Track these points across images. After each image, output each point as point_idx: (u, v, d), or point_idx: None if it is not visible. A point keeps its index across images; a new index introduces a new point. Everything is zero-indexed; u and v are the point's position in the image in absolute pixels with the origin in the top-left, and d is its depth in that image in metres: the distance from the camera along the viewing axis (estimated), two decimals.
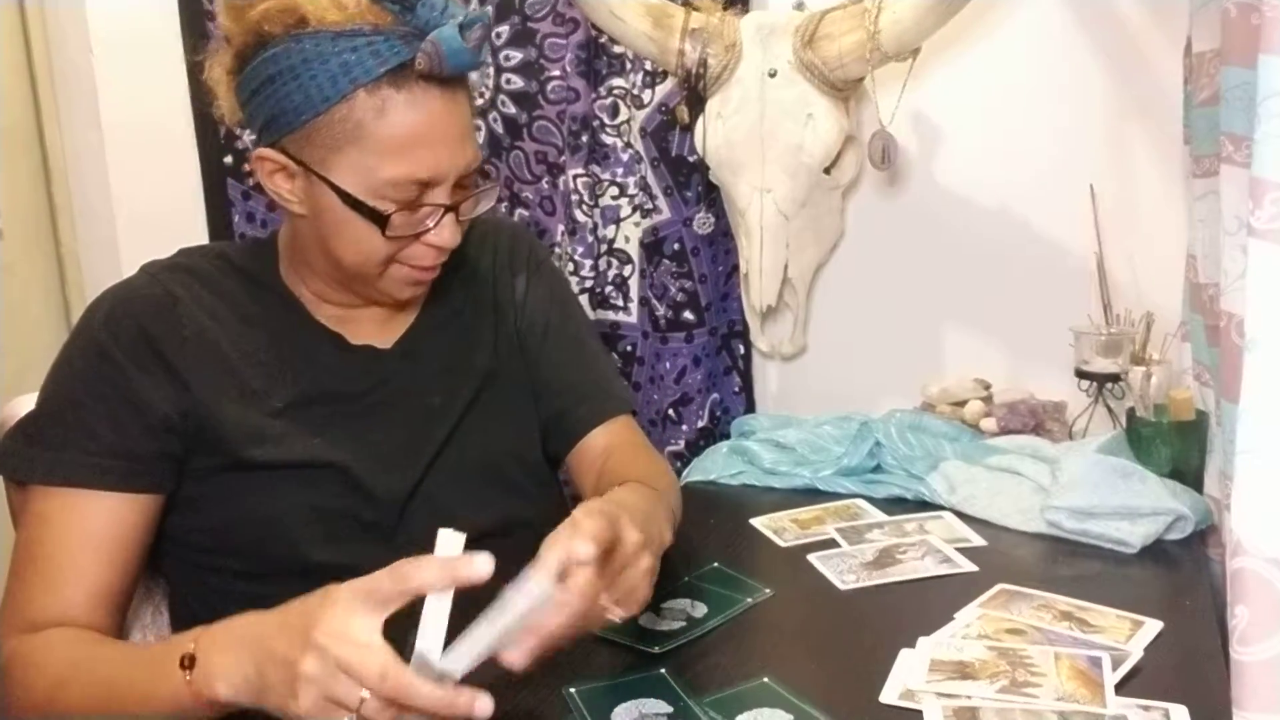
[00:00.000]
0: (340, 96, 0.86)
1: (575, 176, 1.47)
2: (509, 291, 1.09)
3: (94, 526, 0.87)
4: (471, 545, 0.95)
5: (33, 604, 0.86)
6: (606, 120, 1.47)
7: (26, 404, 1.00)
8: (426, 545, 0.94)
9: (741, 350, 1.54)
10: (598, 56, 1.47)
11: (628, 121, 1.47)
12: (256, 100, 0.90)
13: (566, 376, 1.09)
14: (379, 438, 0.96)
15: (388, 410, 0.98)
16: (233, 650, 0.72)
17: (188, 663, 0.73)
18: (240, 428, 0.91)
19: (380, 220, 0.89)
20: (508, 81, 1.52)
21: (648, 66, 1.45)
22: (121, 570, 0.89)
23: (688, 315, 1.50)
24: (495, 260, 1.10)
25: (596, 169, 1.49)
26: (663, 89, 1.46)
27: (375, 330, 1.01)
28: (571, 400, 1.09)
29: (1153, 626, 0.85)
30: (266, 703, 0.69)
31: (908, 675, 0.78)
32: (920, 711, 0.73)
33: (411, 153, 0.88)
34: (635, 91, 1.47)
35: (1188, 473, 1.16)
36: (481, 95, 1.54)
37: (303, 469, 0.92)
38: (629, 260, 1.52)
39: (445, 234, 0.92)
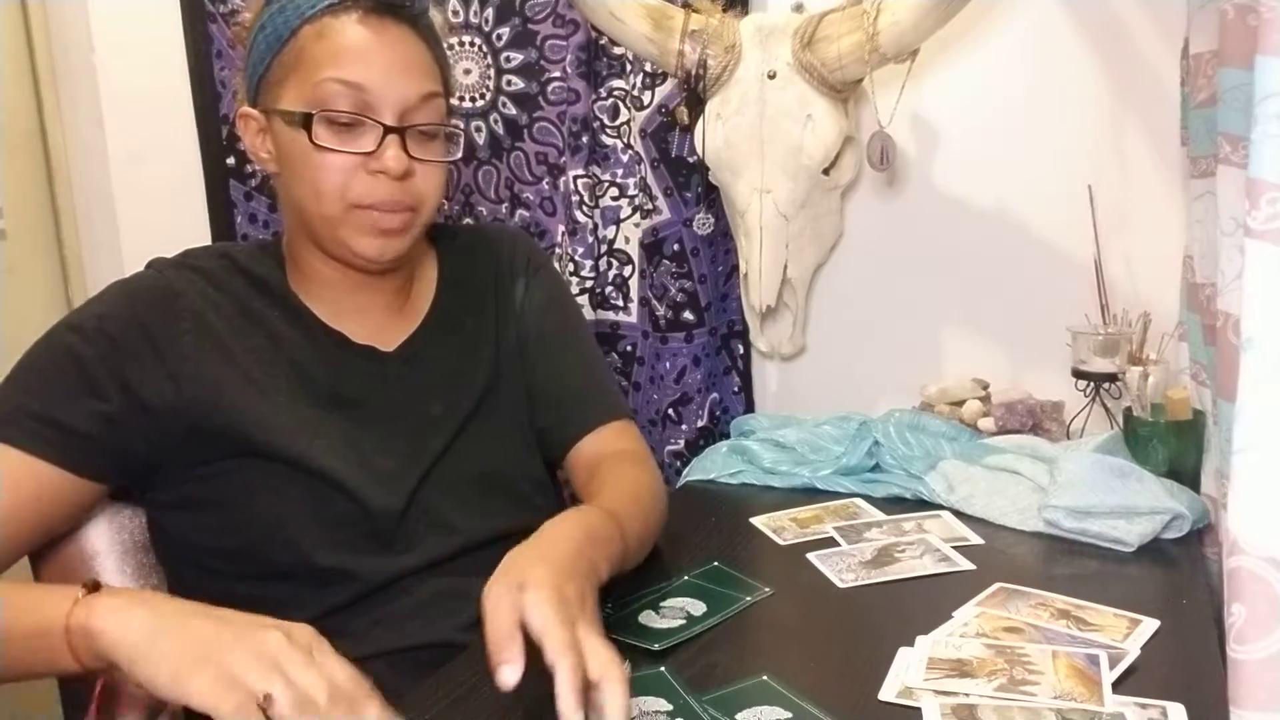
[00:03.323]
0: (290, 33, 0.91)
1: (575, 177, 1.48)
2: (509, 299, 1.10)
3: (15, 487, 0.85)
4: (473, 553, 0.96)
5: None
6: (607, 121, 1.48)
7: None
8: (424, 553, 0.95)
9: (741, 350, 1.55)
10: (598, 58, 1.47)
11: (628, 122, 1.48)
12: (246, 70, 0.95)
13: (560, 382, 1.09)
14: (377, 448, 0.96)
15: (387, 417, 0.98)
16: (150, 603, 0.68)
17: (90, 587, 0.69)
18: (244, 415, 0.91)
19: (306, 123, 0.90)
20: (508, 83, 1.52)
21: (648, 68, 1.45)
22: (16, 535, 0.86)
23: (687, 315, 1.51)
24: (497, 269, 1.10)
25: (597, 170, 1.49)
26: (662, 90, 1.46)
27: (378, 332, 1.01)
28: (564, 407, 1.09)
29: (1150, 625, 0.85)
30: (145, 662, 0.64)
31: (906, 673, 0.79)
32: (919, 709, 0.74)
33: (342, 60, 0.90)
34: (635, 93, 1.47)
35: (1185, 472, 1.17)
36: (482, 96, 1.54)
37: (304, 472, 0.92)
38: (629, 261, 1.52)
39: (387, 157, 0.91)
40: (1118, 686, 0.76)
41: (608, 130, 1.48)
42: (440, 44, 0.99)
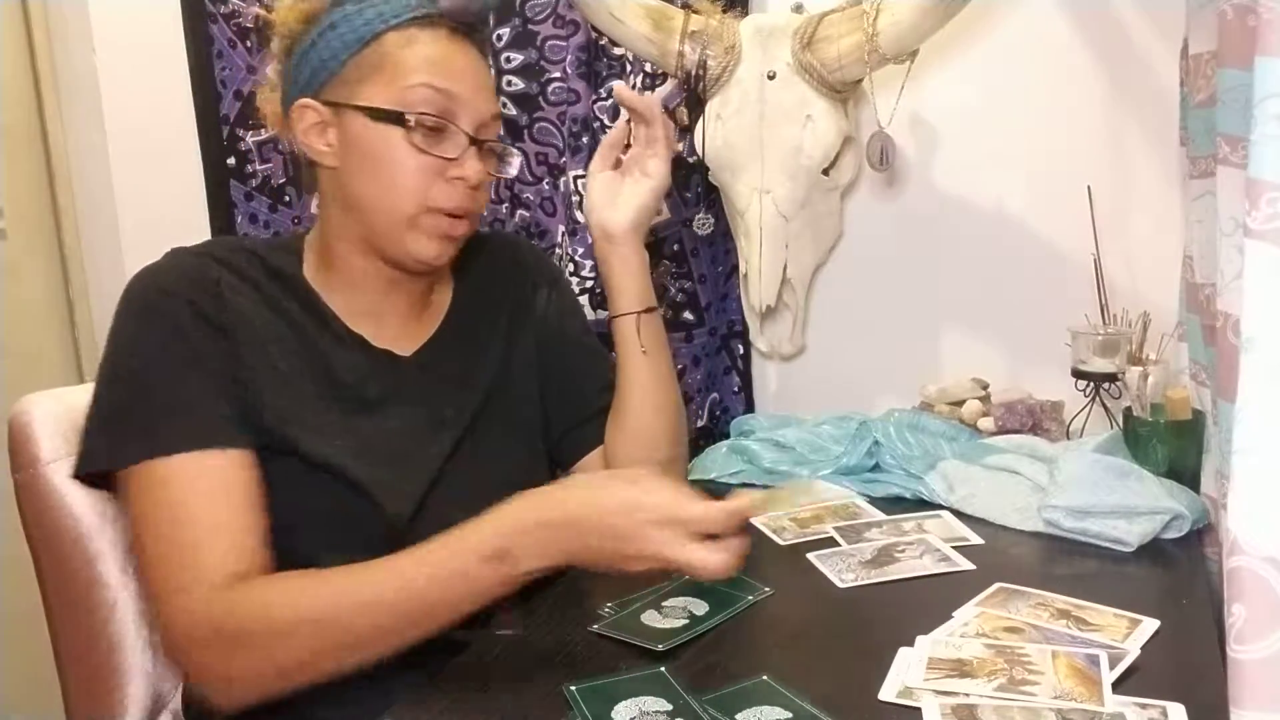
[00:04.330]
0: (372, 35, 0.94)
1: (576, 178, 1.48)
2: (527, 306, 1.12)
3: (232, 480, 0.87)
4: None
5: (215, 560, 0.83)
6: (607, 122, 1.48)
7: (36, 402, 1.00)
8: None
9: (741, 350, 1.55)
10: (598, 58, 1.47)
11: (628, 123, 1.48)
12: (301, 64, 0.96)
13: (579, 390, 1.13)
14: (392, 451, 0.96)
15: (402, 421, 0.99)
16: (546, 537, 0.81)
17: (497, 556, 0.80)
18: (277, 409, 0.91)
19: (403, 122, 0.93)
20: (509, 83, 1.52)
21: (648, 68, 1.45)
22: (264, 518, 0.88)
23: (687, 315, 1.51)
24: (517, 276, 1.12)
25: None
26: (663, 91, 1.46)
27: (397, 336, 1.02)
28: (583, 414, 1.13)
29: (1150, 625, 0.85)
30: (579, 561, 0.81)
31: (906, 673, 0.79)
32: (919, 709, 0.74)
33: (436, 68, 0.95)
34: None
35: (1184, 472, 1.17)
36: None
37: (325, 470, 0.92)
38: None
39: (469, 167, 0.96)
40: (1118, 686, 0.76)
41: (608, 130, 1.48)
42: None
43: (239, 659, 0.81)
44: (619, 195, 1.13)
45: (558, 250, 1.53)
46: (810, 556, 1.05)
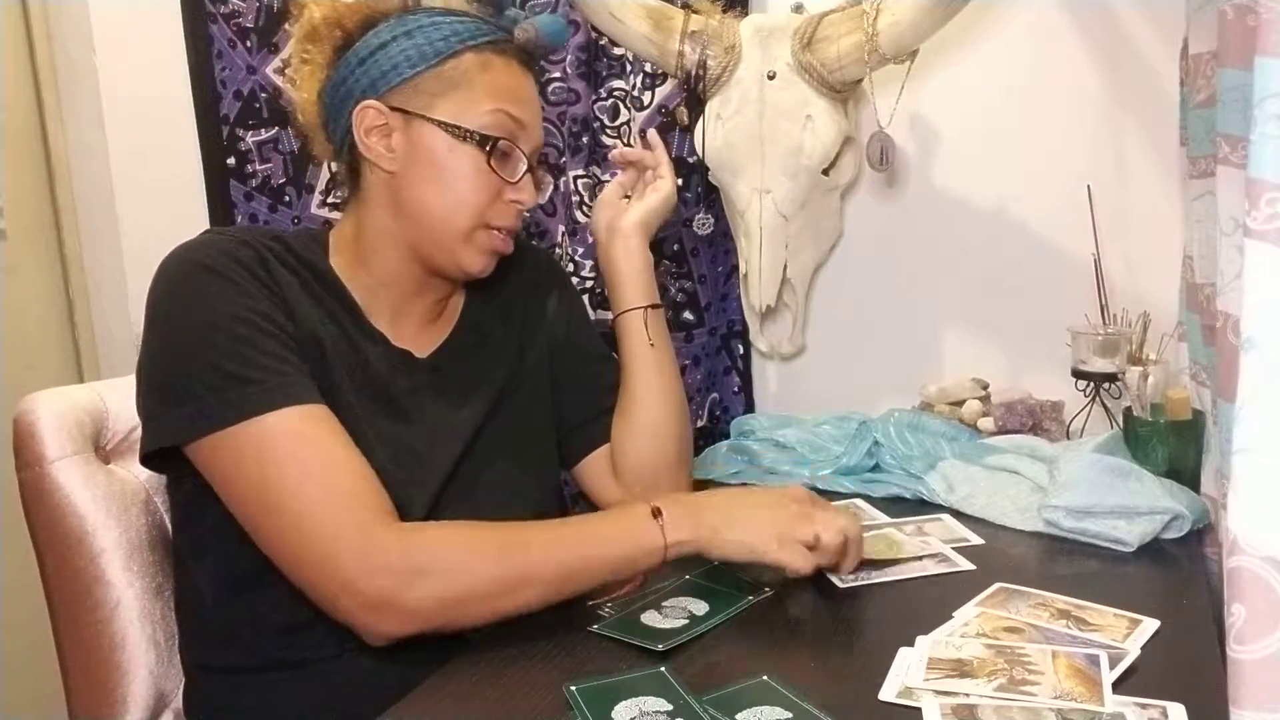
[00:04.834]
0: (450, 52, 0.97)
1: (576, 177, 1.48)
2: (539, 309, 1.14)
3: (341, 430, 0.88)
4: None
5: (379, 497, 0.87)
6: (607, 122, 1.48)
7: (41, 401, 1.00)
8: None
9: (741, 350, 1.55)
10: (598, 58, 1.47)
11: (628, 123, 1.48)
12: (365, 66, 0.98)
13: (587, 390, 1.14)
14: (407, 450, 0.97)
15: (417, 421, 0.99)
16: (705, 509, 0.92)
17: (655, 514, 0.90)
18: (324, 387, 0.91)
19: (487, 143, 0.97)
20: None
21: (648, 68, 1.45)
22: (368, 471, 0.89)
23: (687, 315, 1.51)
24: (520, 280, 1.13)
25: (597, 170, 1.49)
26: (663, 91, 1.46)
27: (414, 337, 1.03)
28: (590, 413, 1.14)
29: (1150, 625, 0.85)
30: (725, 548, 0.91)
31: (906, 673, 0.79)
32: (919, 709, 0.74)
33: (513, 97, 1.00)
34: (635, 93, 1.47)
35: (1184, 472, 1.17)
36: None
37: None
38: None
39: (526, 191, 1.02)
40: (1118, 686, 0.76)
41: (608, 131, 1.48)
42: None
43: (419, 587, 0.84)
44: (629, 195, 1.17)
45: (558, 250, 1.53)
46: None
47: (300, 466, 0.85)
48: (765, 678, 0.79)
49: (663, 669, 0.80)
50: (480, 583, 0.85)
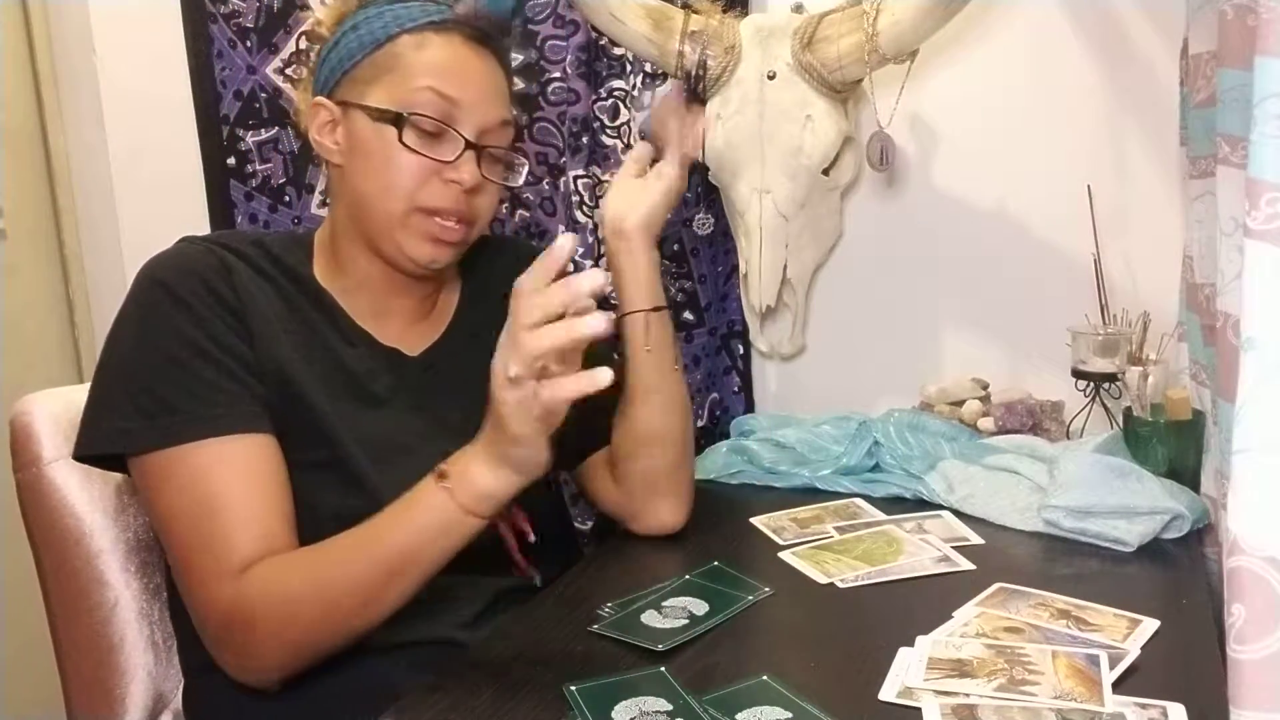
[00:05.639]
0: (387, 38, 0.97)
1: (576, 178, 1.48)
2: None
3: (256, 464, 0.88)
4: (476, 553, 0.97)
5: (237, 547, 0.85)
6: (607, 122, 1.48)
7: (38, 401, 1.00)
8: None
9: (741, 350, 1.55)
10: (598, 58, 1.47)
11: (628, 123, 1.48)
12: (322, 65, 0.99)
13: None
14: (395, 450, 0.96)
15: (407, 420, 0.99)
16: (475, 454, 0.83)
17: (439, 476, 0.82)
18: (299, 397, 0.92)
19: (398, 122, 0.94)
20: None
21: (648, 68, 1.45)
22: (287, 496, 0.90)
23: (687, 315, 1.51)
24: (516, 276, 1.12)
25: (597, 170, 1.49)
26: (663, 90, 1.46)
27: (404, 336, 1.03)
28: (587, 414, 1.11)
29: (1150, 625, 0.85)
30: (517, 463, 0.81)
31: (906, 673, 0.79)
32: (919, 709, 0.74)
33: (442, 73, 0.96)
34: (635, 93, 1.47)
35: (1184, 472, 1.17)
36: None
37: (338, 464, 0.93)
38: None
39: (464, 170, 0.97)
40: (1118, 686, 0.76)
41: (608, 131, 1.48)
42: (513, 80, 1.06)
43: (254, 642, 0.84)
44: (633, 195, 1.15)
45: None
46: None
47: (187, 502, 0.86)
48: (765, 678, 0.79)
49: (663, 669, 0.80)
50: (308, 615, 0.83)
